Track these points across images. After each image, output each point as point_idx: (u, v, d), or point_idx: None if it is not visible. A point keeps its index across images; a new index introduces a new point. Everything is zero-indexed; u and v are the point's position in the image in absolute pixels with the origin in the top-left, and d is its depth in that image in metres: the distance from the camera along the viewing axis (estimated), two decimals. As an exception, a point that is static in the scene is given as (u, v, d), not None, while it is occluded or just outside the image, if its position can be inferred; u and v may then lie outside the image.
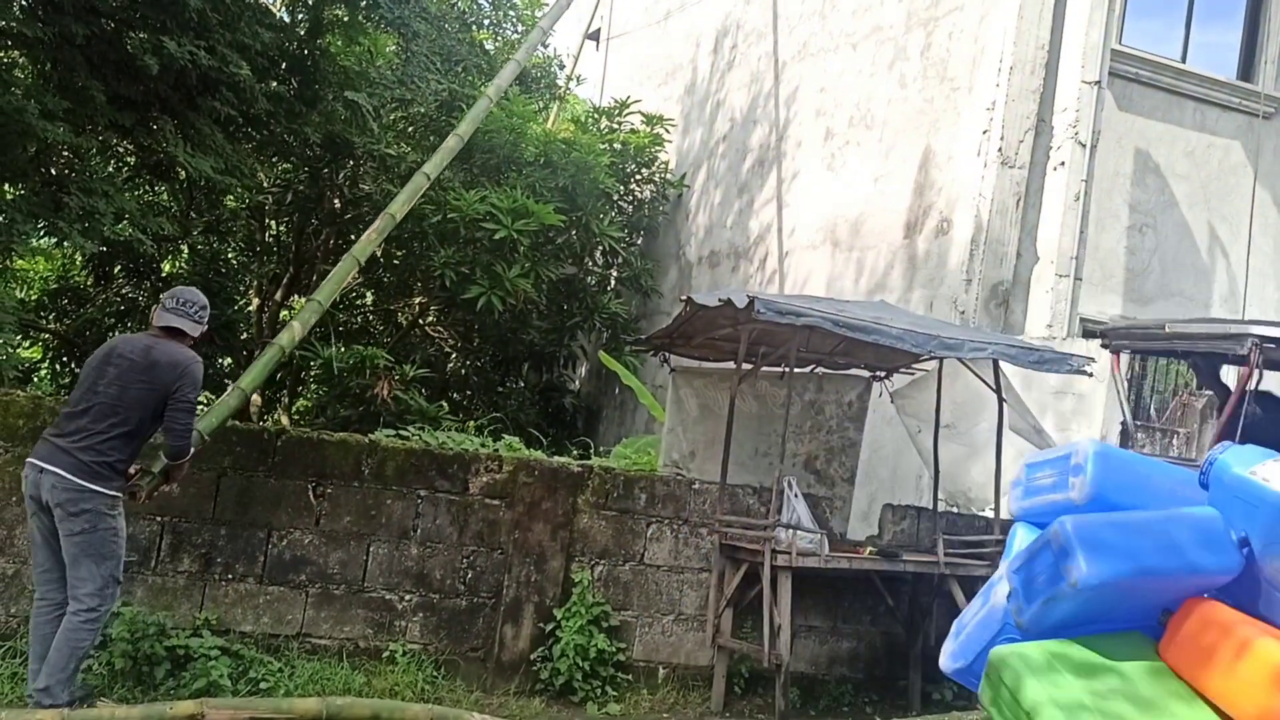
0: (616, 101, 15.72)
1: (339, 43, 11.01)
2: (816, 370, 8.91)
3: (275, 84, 10.18)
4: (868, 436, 9.17)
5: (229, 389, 7.25)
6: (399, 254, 13.79)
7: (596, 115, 15.77)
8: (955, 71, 10.44)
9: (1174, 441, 8.75)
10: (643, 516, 7.71)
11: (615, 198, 14.96)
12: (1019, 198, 9.74)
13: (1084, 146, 9.46)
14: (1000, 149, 9.69)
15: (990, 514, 8.02)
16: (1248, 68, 10.71)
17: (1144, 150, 10.19)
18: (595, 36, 19.17)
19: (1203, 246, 10.34)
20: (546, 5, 20.15)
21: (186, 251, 13.97)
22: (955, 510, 8.52)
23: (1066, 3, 9.71)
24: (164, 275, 13.45)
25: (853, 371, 8.99)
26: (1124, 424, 7.76)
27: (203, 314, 5.82)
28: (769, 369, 8.24)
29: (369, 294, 15.20)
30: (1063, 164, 9.53)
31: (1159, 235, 10.23)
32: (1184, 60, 10.54)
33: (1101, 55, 9.47)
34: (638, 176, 15.55)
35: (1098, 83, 9.45)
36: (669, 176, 15.76)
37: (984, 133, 9.86)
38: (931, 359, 8.00)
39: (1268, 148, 10.54)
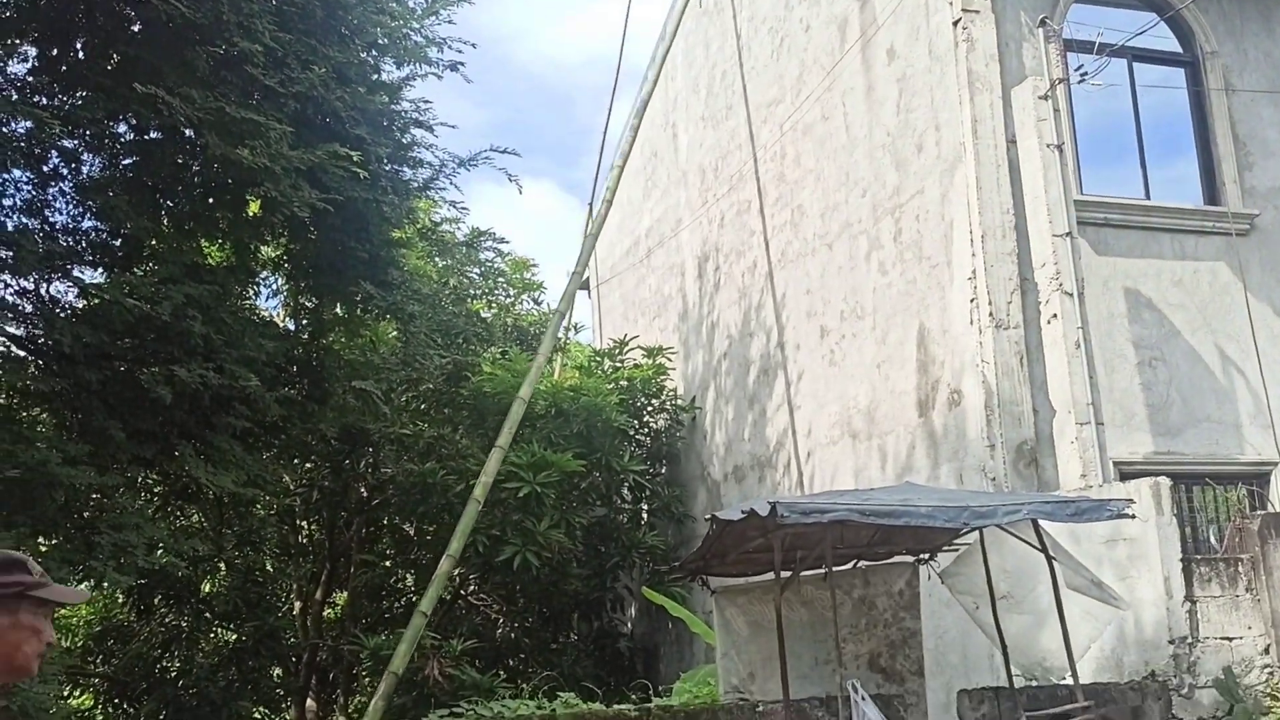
0: (615, 341, 16.15)
1: (341, 339, 11.46)
2: (859, 564, 8.72)
3: (286, 389, 10.52)
4: (928, 623, 8.86)
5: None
6: (430, 528, 13.85)
7: (599, 358, 16.16)
8: (930, 250, 10.74)
9: (1239, 570, 8.45)
10: (713, 752, 7.40)
11: (631, 433, 15.12)
12: (1020, 356, 9.82)
13: (1071, 296, 9.59)
14: (991, 313, 9.84)
15: (1069, 680, 7.64)
16: (1211, 192, 10.98)
17: (1132, 288, 10.33)
18: (585, 285, 19.89)
19: (1216, 369, 10.32)
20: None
21: (224, 568, 14.05)
22: (1034, 683, 8.13)
23: (1020, 167, 10.09)
24: (204, 596, 13.49)
25: (895, 559, 8.79)
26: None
27: None
28: (810, 572, 8.08)
29: (408, 576, 15.15)
30: (1055, 317, 9.64)
31: (1170, 367, 10.22)
32: (1148, 196, 10.84)
33: (1066, 208, 9.74)
34: (649, 408, 15.77)
35: (1069, 234, 9.69)
36: (679, 402, 15.98)
37: (971, 301, 10.05)
38: (970, 531, 7.84)
39: (1252, 262, 10.68)
